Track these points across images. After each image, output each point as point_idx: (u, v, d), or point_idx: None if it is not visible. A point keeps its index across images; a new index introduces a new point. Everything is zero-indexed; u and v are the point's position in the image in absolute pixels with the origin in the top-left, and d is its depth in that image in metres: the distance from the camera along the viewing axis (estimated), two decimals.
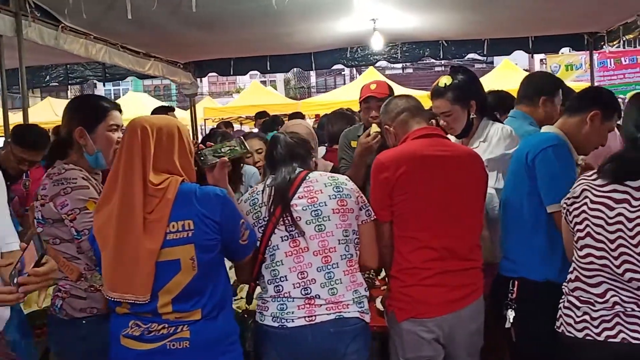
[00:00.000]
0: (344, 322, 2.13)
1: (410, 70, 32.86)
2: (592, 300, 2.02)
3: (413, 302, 2.28)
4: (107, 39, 5.69)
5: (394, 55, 7.88)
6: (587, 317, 2.01)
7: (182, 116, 14.11)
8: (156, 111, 6.07)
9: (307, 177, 2.27)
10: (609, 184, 2.00)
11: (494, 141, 2.73)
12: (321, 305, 2.13)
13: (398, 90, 12.63)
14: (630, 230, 1.92)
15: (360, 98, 3.48)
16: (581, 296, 2.05)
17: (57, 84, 8.20)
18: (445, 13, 6.01)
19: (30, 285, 1.60)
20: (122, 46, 6.06)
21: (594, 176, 2.05)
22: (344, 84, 25.70)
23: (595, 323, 1.98)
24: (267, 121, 7.33)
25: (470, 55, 8.40)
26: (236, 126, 13.31)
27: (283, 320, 2.13)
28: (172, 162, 1.98)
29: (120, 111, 2.34)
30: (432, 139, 2.40)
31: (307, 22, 5.73)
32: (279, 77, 31.31)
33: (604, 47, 7.27)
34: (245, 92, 13.77)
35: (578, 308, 2.05)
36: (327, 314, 2.12)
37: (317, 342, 2.11)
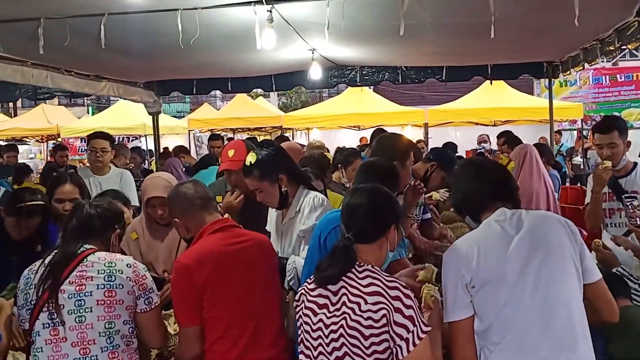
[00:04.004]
0: None
1: None
2: None
3: None
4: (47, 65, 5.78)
5: (353, 79, 7.86)
6: None
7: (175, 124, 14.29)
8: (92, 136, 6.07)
9: (86, 260, 2.23)
10: (316, 288, 1.98)
11: (305, 212, 2.73)
12: None
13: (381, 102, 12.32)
14: (326, 337, 1.91)
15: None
16: None
17: (26, 98, 8.48)
18: (388, 46, 5.99)
19: None
20: (67, 70, 6.15)
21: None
22: None
23: None
24: (204, 157, 6.94)
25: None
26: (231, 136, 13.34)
27: None
28: None
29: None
30: (226, 232, 2.42)
31: (238, 52, 5.78)
32: None
33: (560, 75, 7.18)
34: (231, 104, 13.85)
35: None
36: None
37: None
